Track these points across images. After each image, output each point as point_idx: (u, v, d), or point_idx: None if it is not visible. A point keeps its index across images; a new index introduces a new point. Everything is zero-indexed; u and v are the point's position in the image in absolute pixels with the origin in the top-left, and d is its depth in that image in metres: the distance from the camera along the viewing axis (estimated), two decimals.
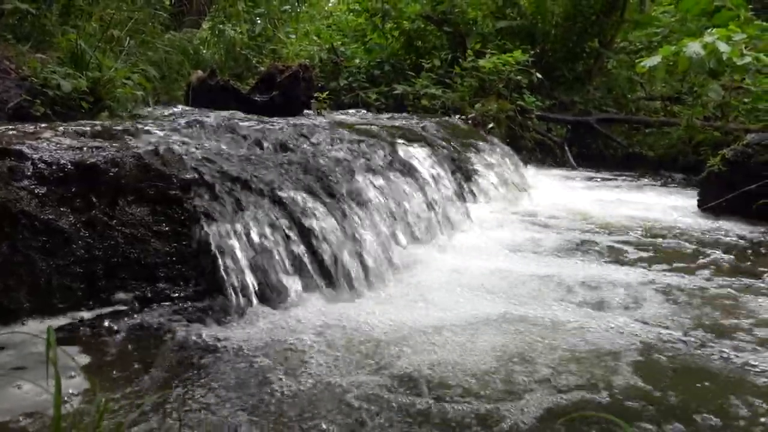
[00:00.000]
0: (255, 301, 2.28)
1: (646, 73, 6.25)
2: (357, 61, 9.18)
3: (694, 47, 4.97)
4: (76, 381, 1.69)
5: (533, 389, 1.76)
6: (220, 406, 1.63)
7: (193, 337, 2.02)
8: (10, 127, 2.81)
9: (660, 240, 3.69)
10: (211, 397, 1.67)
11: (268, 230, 2.47)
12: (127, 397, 1.64)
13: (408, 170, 3.76)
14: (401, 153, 3.92)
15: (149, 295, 2.20)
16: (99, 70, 4.01)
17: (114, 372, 1.79)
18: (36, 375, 1.68)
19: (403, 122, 5.20)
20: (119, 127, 3.12)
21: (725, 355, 2.04)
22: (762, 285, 2.84)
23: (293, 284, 2.41)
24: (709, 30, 5.36)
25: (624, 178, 6.67)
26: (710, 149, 6.06)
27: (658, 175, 6.89)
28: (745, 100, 6.68)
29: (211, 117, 3.85)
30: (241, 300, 2.26)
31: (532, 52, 7.56)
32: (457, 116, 6.61)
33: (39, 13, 4.80)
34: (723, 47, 4.87)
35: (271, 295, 2.34)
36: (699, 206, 4.68)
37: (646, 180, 6.61)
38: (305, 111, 5.51)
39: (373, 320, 2.25)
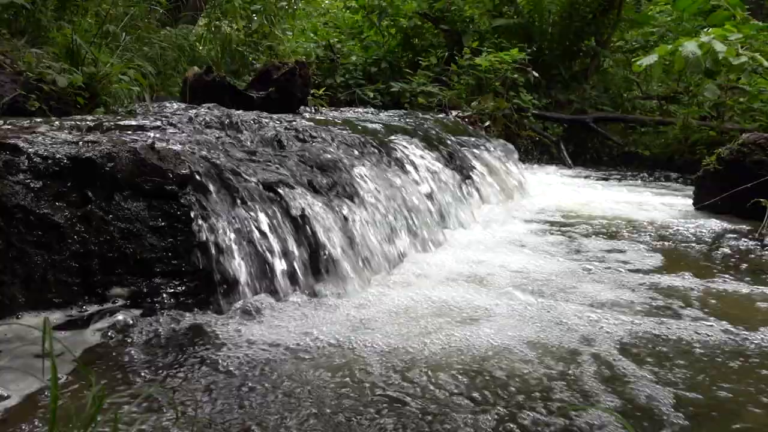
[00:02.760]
0: (251, 294, 2.28)
1: (642, 72, 6.28)
2: (353, 58, 9.18)
3: (690, 47, 4.99)
4: (72, 373, 1.68)
5: None
6: (216, 398, 1.62)
7: (189, 331, 2.02)
8: (5, 121, 2.80)
9: (653, 238, 3.71)
10: (207, 389, 1.67)
11: (264, 225, 2.46)
12: (123, 389, 1.64)
13: (404, 166, 3.76)
14: (397, 149, 3.91)
15: (145, 290, 2.19)
16: (95, 65, 4.00)
17: (110, 364, 1.79)
18: (32, 367, 1.68)
19: (399, 119, 5.20)
20: (115, 123, 3.11)
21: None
22: (755, 281, 2.85)
23: (290, 279, 2.41)
24: (705, 29, 5.38)
25: (620, 176, 6.69)
26: (706, 149, 6.08)
27: (653, 174, 6.91)
28: (741, 99, 6.72)
29: (207, 113, 3.84)
30: (237, 294, 2.25)
31: (529, 51, 7.58)
32: (454, 114, 6.62)
33: (34, 8, 4.78)
34: (719, 47, 4.89)
35: (267, 289, 2.34)
36: (694, 205, 4.70)
37: (641, 179, 6.63)
38: (301, 108, 5.50)
39: (362, 313, 2.26)
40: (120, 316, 2.06)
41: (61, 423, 1.09)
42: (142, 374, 1.75)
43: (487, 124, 6.46)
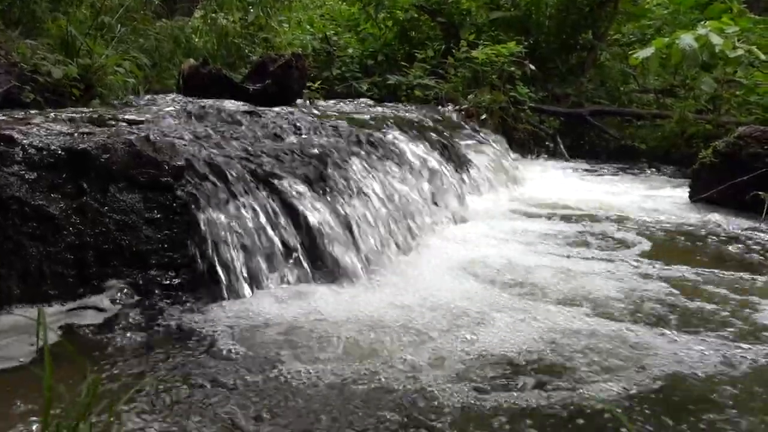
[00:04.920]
0: (246, 286, 2.28)
1: (639, 65, 6.27)
2: (350, 51, 9.14)
3: (687, 39, 4.98)
4: (67, 363, 1.68)
5: None
6: (211, 389, 1.63)
7: (185, 323, 2.02)
8: (0, 113, 2.79)
9: (649, 231, 3.71)
10: (202, 380, 1.67)
11: (259, 217, 2.46)
12: (118, 380, 1.64)
13: (401, 160, 3.75)
14: (395, 143, 3.91)
15: (141, 282, 2.19)
16: (90, 57, 3.98)
17: (106, 356, 1.79)
18: (27, 356, 1.68)
19: (396, 112, 5.19)
20: (110, 114, 3.10)
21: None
22: (750, 276, 2.86)
23: (285, 270, 2.41)
24: (701, 22, 5.37)
25: (616, 170, 6.70)
26: (702, 142, 6.08)
27: (650, 167, 6.91)
28: (737, 93, 6.71)
29: (203, 105, 3.83)
30: (233, 286, 2.25)
31: (526, 44, 7.56)
32: (450, 107, 6.60)
33: None
34: (716, 40, 4.88)
35: (262, 280, 2.34)
36: (690, 198, 4.70)
37: (637, 172, 6.63)
38: (298, 100, 5.49)
39: (356, 305, 2.26)
40: (116, 308, 2.06)
41: (56, 412, 1.09)
42: (137, 364, 1.75)
43: (483, 117, 6.44)
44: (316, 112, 4.50)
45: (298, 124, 3.52)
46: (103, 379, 1.61)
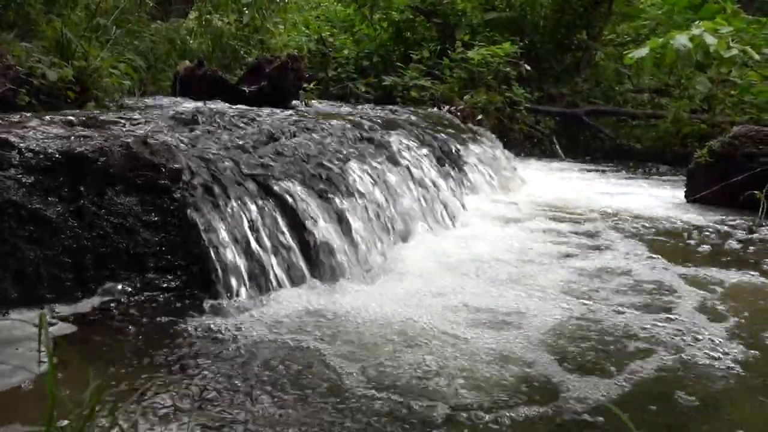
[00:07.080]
0: (244, 289, 2.28)
1: (634, 65, 6.30)
2: (345, 52, 9.15)
3: (681, 40, 5.00)
4: (68, 368, 1.67)
5: None
6: (210, 392, 1.62)
7: (183, 326, 2.02)
8: None
9: (645, 231, 3.72)
10: (202, 384, 1.67)
11: (257, 219, 2.46)
12: (119, 384, 1.63)
13: (396, 161, 3.75)
14: (393, 143, 3.91)
15: (138, 285, 2.18)
16: (85, 59, 3.97)
17: (106, 359, 1.78)
18: (27, 361, 1.67)
19: (392, 113, 5.19)
20: (106, 117, 3.09)
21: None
22: (746, 273, 2.87)
23: (282, 272, 2.41)
24: (696, 23, 5.40)
25: (612, 169, 6.72)
26: (697, 141, 6.11)
27: (645, 167, 6.94)
28: (732, 92, 6.74)
29: (199, 107, 3.83)
30: (231, 289, 2.25)
31: (521, 44, 7.58)
32: (446, 108, 6.61)
33: (23, 1, 4.73)
34: (710, 40, 4.91)
35: (260, 283, 2.34)
36: (686, 197, 4.72)
37: (633, 172, 6.65)
38: (294, 101, 5.48)
39: (351, 309, 2.27)
40: (113, 311, 2.05)
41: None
42: (137, 369, 1.75)
43: (479, 117, 6.46)
44: (312, 113, 4.50)
45: (294, 126, 3.52)
46: (104, 381, 1.61)
